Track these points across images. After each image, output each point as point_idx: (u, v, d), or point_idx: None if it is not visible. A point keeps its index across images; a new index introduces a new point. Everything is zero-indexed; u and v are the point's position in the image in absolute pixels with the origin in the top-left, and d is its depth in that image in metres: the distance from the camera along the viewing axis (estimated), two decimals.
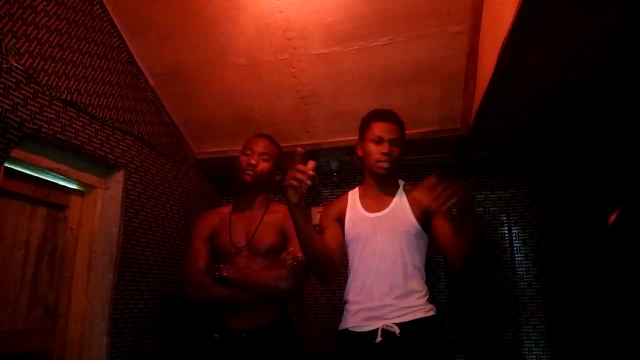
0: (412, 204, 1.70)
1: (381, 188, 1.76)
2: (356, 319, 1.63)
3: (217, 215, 1.89)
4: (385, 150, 1.68)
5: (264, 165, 1.84)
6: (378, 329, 1.56)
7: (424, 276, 1.68)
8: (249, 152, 1.86)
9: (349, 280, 1.72)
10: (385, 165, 1.68)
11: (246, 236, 1.82)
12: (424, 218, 1.69)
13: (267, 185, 1.90)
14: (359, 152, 1.81)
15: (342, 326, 1.68)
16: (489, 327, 2.64)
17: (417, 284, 1.64)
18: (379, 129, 1.72)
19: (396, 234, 1.66)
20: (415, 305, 1.59)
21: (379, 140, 1.70)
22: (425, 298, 1.63)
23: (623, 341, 2.47)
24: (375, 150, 1.70)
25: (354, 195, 1.83)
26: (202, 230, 1.86)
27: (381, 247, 1.65)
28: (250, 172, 1.80)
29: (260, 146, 1.86)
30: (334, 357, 1.67)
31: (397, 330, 1.53)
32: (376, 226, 1.69)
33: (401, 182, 1.81)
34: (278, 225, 1.83)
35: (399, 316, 1.57)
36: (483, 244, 1.62)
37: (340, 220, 1.78)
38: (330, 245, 1.69)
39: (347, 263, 1.76)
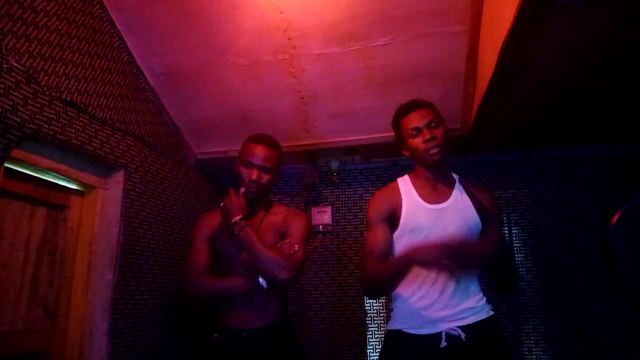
0: (473, 199, 1.64)
1: (438, 178, 1.66)
2: (414, 320, 1.55)
3: (218, 216, 1.89)
4: (427, 136, 1.57)
5: (266, 179, 1.80)
6: (441, 332, 1.49)
7: (480, 274, 1.64)
8: (249, 165, 1.79)
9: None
10: (435, 149, 1.57)
11: None
12: (483, 217, 1.63)
13: (269, 191, 1.89)
14: (406, 154, 1.70)
15: (395, 326, 1.60)
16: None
17: (477, 282, 1.60)
18: (410, 121, 1.63)
19: (459, 226, 1.57)
20: (476, 306, 1.55)
21: (417, 132, 1.60)
22: (485, 297, 1.59)
23: (623, 341, 2.47)
24: (418, 142, 1.60)
25: (405, 184, 1.69)
26: (203, 231, 1.86)
27: (442, 239, 1.53)
28: (253, 190, 1.78)
29: (260, 158, 1.78)
30: (386, 358, 1.61)
31: (463, 335, 1.47)
32: (438, 218, 1.59)
33: (456, 176, 1.72)
34: (278, 227, 1.83)
35: (462, 318, 1.51)
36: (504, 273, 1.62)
37: (393, 214, 1.64)
38: (382, 250, 1.59)
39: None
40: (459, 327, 1.49)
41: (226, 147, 2.63)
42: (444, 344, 1.47)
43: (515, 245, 2.73)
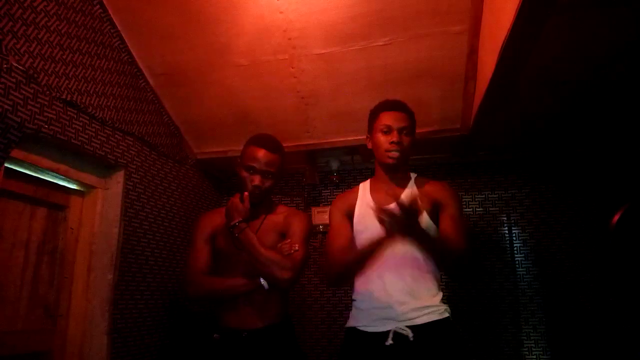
0: (423, 197, 1.65)
1: (392, 180, 1.71)
2: (366, 318, 1.59)
3: (219, 216, 1.88)
4: (395, 139, 1.63)
5: (268, 184, 1.79)
6: (389, 330, 1.52)
7: (438, 274, 1.64)
8: (251, 170, 1.77)
9: (357, 276, 1.68)
10: (395, 154, 1.64)
11: None
12: (435, 210, 1.65)
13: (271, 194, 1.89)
14: (369, 145, 1.76)
15: (350, 324, 1.65)
16: (489, 327, 2.64)
17: (430, 281, 1.60)
18: (387, 118, 1.68)
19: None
20: (429, 306, 1.55)
21: (387, 130, 1.66)
22: (439, 297, 1.60)
23: (623, 341, 2.47)
24: (384, 140, 1.66)
25: (364, 187, 1.78)
26: (203, 230, 1.86)
27: (391, 242, 1.57)
28: (256, 195, 1.78)
29: (263, 163, 1.77)
30: (342, 355, 1.64)
31: (411, 334, 1.49)
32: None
33: (413, 175, 1.77)
34: (279, 227, 1.82)
35: (412, 318, 1.53)
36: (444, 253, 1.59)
37: (350, 214, 1.73)
38: (345, 243, 1.66)
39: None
40: (408, 326, 1.51)
41: (226, 147, 2.63)
42: (389, 342, 1.50)
43: (515, 245, 2.73)
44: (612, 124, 2.35)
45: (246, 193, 1.75)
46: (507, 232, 2.76)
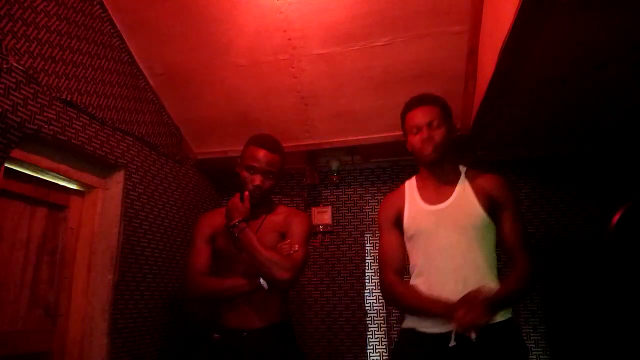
0: (478, 191, 1.58)
1: (440, 177, 1.64)
2: (426, 319, 1.53)
3: (220, 216, 1.88)
4: (425, 136, 1.57)
5: (269, 184, 1.79)
6: (451, 331, 1.44)
7: (496, 272, 1.58)
8: (252, 170, 1.78)
9: (412, 278, 1.63)
10: (429, 150, 1.57)
11: None
12: (492, 207, 1.57)
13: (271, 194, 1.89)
14: (409, 149, 1.69)
15: (408, 325, 1.59)
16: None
17: (492, 280, 1.54)
18: (413, 117, 1.62)
19: (462, 227, 1.54)
20: None
21: (416, 130, 1.60)
22: None
23: (623, 341, 2.47)
24: (416, 141, 1.60)
25: (411, 186, 1.71)
26: (204, 230, 1.86)
27: (446, 242, 1.54)
28: (257, 195, 1.78)
29: (263, 163, 1.77)
30: (400, 355, 1.61)
31: (473, 335, 1.41)
32: (439, 219, 1.58)
33: (463, 169, 1.68)
34: (279, 227, 1.82)
35: None
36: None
37: (399, 218, 1.67)
38: (396, 257, 1.64)
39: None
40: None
41: (226, 147, 2.63)
42: (452, 343, 1.43)
43: None
44: (612, 123, 2.35)
45: (246, 193, 1.75)
46: None
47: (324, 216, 2.93)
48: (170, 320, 2.32)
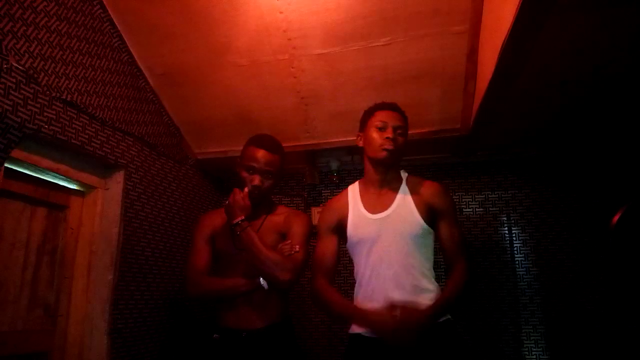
0: (417, 200, 1.63)
1: (383, 182, 1.69)
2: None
3: (220, 216, 1.89)
4: (390, 135, 1.62)
5: (268, 184, 1.79)
6: None
7: (434, 274, 1.63)
8: (251, 170, 1.78)
9: (356, 285, 1.70)
10: (390, 147, 1.61)
11: None
12: (431, 214, 1.62)
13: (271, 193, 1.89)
14: (360, 143, 1.74)
15: (354, 330, 1.63)
16: (489, 327, 2.64)
17: (428, 283, 1.59)
18: (383, 115, 1.67)
19: (402, 235, 1.60)
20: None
21: (383, 127, 1.65)
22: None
23: (623, 341, 2.47)
24: (378, 136, 1.64)
25: (354, 192, 1.75)
26: (204, 230, 1.86)
27: (387, 250, 1.59)
28: (255, 195, 1.78)
29: (262, 163, 1.77)
30: None
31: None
32: (380, 228, 1.62)
33: (404, 175, 1.73)
34: (279, 228, 1.82)
35: None
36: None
37: (341, 225, 1.72)
38: (329, 263, 1.70)
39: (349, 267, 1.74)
40: None
41: (226, 147, 2.63)
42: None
43: (515, 245, 2.73)
44: (612, 123, 2.35)
45: (245, 189, 1.75)
46: (507, 232, 2.76)
47: None
48: (170, 320, 2.32)
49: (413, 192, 1.66)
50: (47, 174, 1.76)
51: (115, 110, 1.99)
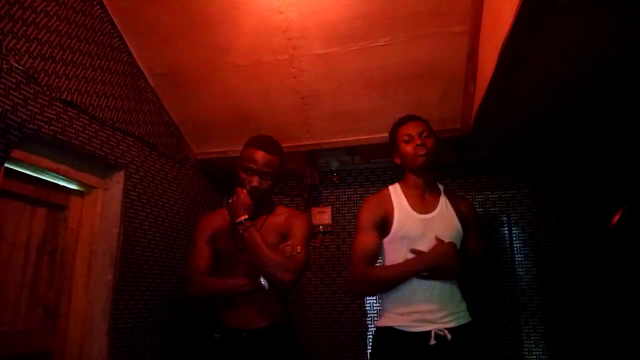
0: (455, 208, 1.79)
1: (425, 188, 1.80)
2: (405, 319, 1.66)
3: (221, 217, 1.89)
4: (418, 142, 1.74)
5: (267, 185, 1.79)
6: (430, 331, 1.61)
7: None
8: (249, 171, 1.78)
9: None
10: (423, 152, 1.73)
11: None
12: (464, 223, 1.78)
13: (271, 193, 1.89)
14: (397, 161, 1.85)
15: (386, 323, 1.71)
16: (489, 327, 2.64)
17: (458, 288, 1.73)
18: (405, 129, 1.80)
19: (444, 236, 1.69)
20: (460, 311, 1.69)
21: (409, 139, 1.77)
22: (464, 303, 1.73)
23: (623, 341, 2.47)
24: (409, 148, 1.76)
25: (396, 192, 1.82)
26: (205, 231, 1.86)
27: (428, 249, 1.69)
28: (255, 196, 1.78)
29: (261, 164, 1.77)
30: (379, 352, 1.70)
31: (449, 336, 1.59)
32: (426, 227, 1.72)
33: (441, 186, 1.86)
34: (280, 228, 1.82)
35: (449, 321, 1.64)
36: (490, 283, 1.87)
37: (385, 221, 1.76)
38: (372, 255, 1.75)
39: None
40: (446, 328, 1.62)
41: (226, 147, 2.63)
42: (433, 341, 1.59)
43: (515, 245, 2.73)
44: (612, 124, 2.35)
45: (245, 190, 1.75)
46: (507, 232, 2.76)
47: (324, 216, 2.93)
48: (170, 320, 2.32)
49: (451, 201, 1.81)
50: (47, 174, 1.76)
51: (115, 110, 1.99)
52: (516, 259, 2.71)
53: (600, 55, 1.67)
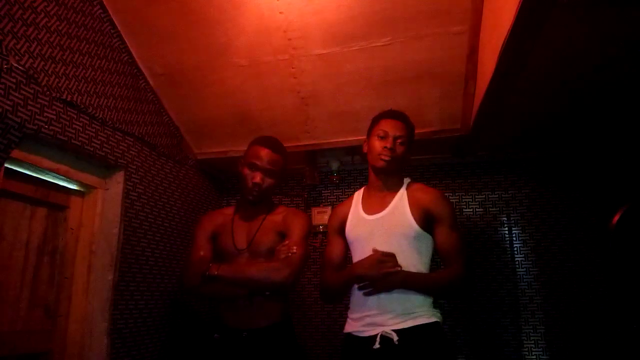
0: (413, 204, 1.67)
1: (383, 187, 1.75)
2: (357, 324, 1.64)
3: (221, 216, 1.89)
4: (389, 145, 1.68)
5: (269, 182, 1.81)
6: (377, 335, 1.55)
7: None
8: (253, 167, 1.80)
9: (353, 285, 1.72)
10: (386, 158, 1.67)
11: (247, 238, 1.82)
12: (426, 219, 1.65)
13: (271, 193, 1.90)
14: (364, 149, 1.81)
15: (346, 329, 1.70)
16: (489, 327, 2.63)
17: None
18: (386, 124, 1.73)
19: (394, 235, 1.63)
20: (417, 312, 1.57)
21: (384, 136, 1.71)
22: (429, 302, 1.61)
23: (623, 341, 2.47)
24: (378, 145, 1.71)
25: (358, 196, 1.84)
26: (205, 228, 1.87)
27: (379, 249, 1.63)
28: (255, 193, 1.79)
29: (265, 161, 1.80)
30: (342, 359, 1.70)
31: (395, 338, 1.52)
32: (373, 228, 1.68)
33: (406, 180, 1.78)
34: (278, 227, 1.83)
35: (400, 322, 1.55)
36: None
37: (343, 225, 1.80)
38: (337, 261, 1.79)
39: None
40: (395, 330, 1.54)
41: (226, 147, 2.63)
42: (377, 345, 1.53)
43: (515, 245, 2.73)
44: (612, 124, 2.35)
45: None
46: (507, 232, 2.76)
47: (324, 216, 2.93)
48: (170, 321, 2.32)
49: (411, 196, 1.70)
50: (47, 174, 1.76)
51: (115, 110, 1.99)
52: (516, 259, 2.71)
53: (600, 55, 1.67)
